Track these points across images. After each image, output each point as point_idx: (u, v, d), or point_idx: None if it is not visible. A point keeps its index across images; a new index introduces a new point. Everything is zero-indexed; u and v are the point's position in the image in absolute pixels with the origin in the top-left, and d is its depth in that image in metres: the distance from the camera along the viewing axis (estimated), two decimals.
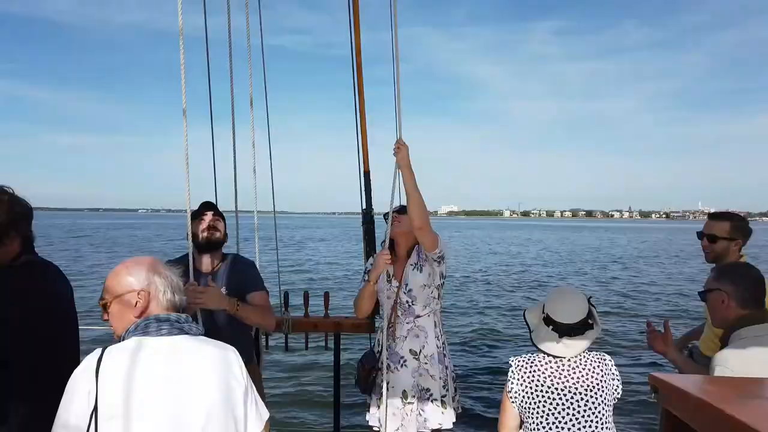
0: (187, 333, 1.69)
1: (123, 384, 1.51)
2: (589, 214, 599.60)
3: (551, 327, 2.20)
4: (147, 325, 1.65)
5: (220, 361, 1.67)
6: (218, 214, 2.80)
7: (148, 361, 1.57)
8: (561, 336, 2.18)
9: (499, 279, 20.12)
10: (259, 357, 3.54)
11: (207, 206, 2.79)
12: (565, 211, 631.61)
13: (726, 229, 2.89)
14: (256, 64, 3.28)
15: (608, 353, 2.27)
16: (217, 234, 2.74)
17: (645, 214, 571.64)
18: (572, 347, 2.17)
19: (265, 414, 1.77)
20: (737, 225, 2.91)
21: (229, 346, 1.77)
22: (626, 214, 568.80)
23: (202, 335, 1.75)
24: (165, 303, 1.73)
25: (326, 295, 3.81)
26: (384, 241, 2.89)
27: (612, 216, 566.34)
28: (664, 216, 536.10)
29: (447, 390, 2.92)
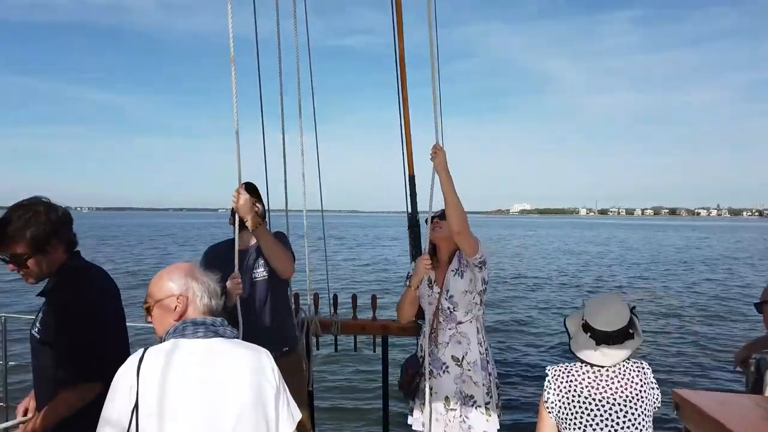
0: (222, 336, 1.77)
1: (161, 383, 1.61)
2: (673, 212, 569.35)
3: (589, 334, 2.15)
4: (184, 327, 1.74)
5: (252, 364, 1.74)
6: (257, 196, 3.04)
7: (184, 362, 1.67)
8: (599, 344, 2.12)
9: (577, 280, 19.57)
10: (309, 354, 3.64)
11: (247, 187, 2.90)
12: (646, 209, 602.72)
13: None
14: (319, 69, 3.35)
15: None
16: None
17: (735, 212, 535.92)
18: (610, 356, 2.11)
19: (297, 414, 1.83)
20: None
21: (262, 348, 1.84)
22: (714, 212, 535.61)
23: (236, 338, 1.82)
24: (202, 307, 1.83)
25: (374, 298, 3.85)
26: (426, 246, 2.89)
27: (698, 214, 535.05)
28: (756, 214, 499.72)
29: (491, 397, 2.90)
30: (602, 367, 2.12)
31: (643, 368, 2.14)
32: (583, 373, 2.13)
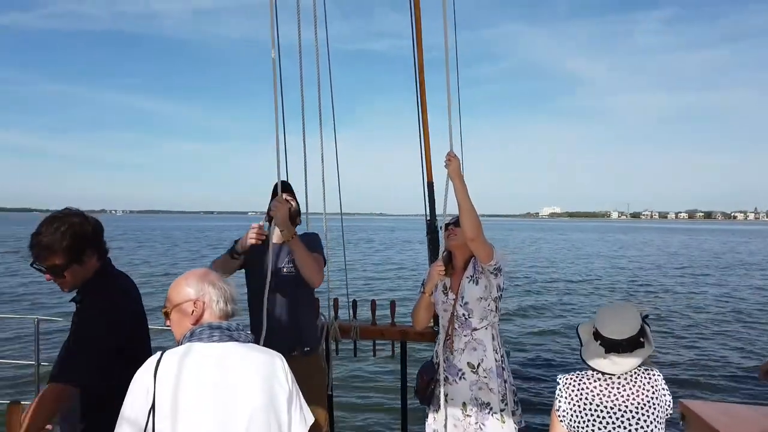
0: (236, 340, 1.82)
1: (176, 386, 1.67)
2: (708, 215, 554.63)
3: (599, 342, 2.15)
4: (201, 332, 1.80)
5: (265, 368, 1.79)
6: (292, 194, 3.15)
7: (199, 365, 1.72)
8: (608, 352, 2.12)
9: (612, 284, 19.35)
10: (329, 359, 3.68)
11: (283, 185, 3.01)
12: (680, 212, 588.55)
13: None
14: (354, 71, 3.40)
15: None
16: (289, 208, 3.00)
17: None
18: (620, 364, 2.11)
19: (310, 418, 1.87)
20: None
21: (276, 352, 1.88)
22: (751, 215, 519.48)
23: (251, 342, 1.87)
24: (218, 312, 1.88)
25: (393, 304, 3.87)
26: (443, 252, 2.93)
27: (735, 218, 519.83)
28: None
29: (506, 404, 2.89)
30: (612, 375, 2.12)
31: (653, 375, 2.14)
32: (594, 381, 2.14)
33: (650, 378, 2.12)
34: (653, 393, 2.09)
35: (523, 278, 20.47)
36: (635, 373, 2.13)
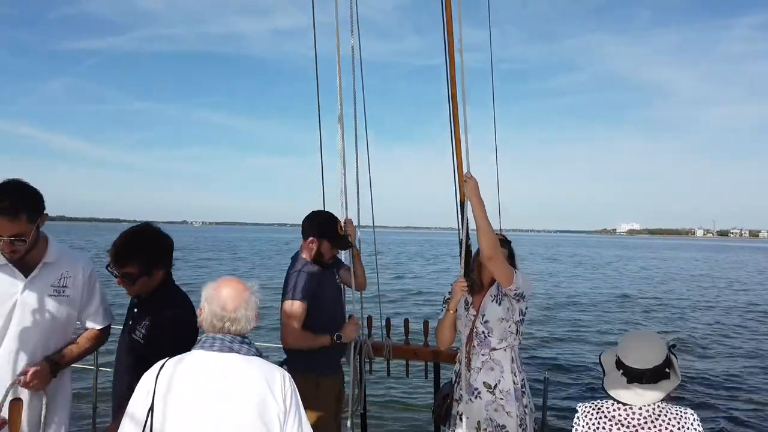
0: (237, 352, 1.87)
1: (173, 389, 1.78)
2: None
3: (621, 372, 2.05)
4: (205, 340, 1.89)
5: (260, 381, 1.82)
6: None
7: (195, 373, 1.81)
8: (630, 382, 2.01)
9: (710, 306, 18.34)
10: (362, 377, 3.63)
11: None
12: None
13: None
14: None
15: None
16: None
17: None
18: (643, 396, 1.99)
19: None
20: None
21: (278, 367, 1.92)
22: None
23: (255, 356, 1.90)
24: (217, 323, 1.91)
25: (425, 324, 3.80)
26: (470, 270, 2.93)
27: None
28: None
29: (524, 429, 2.81)
30: (633, 406, 2.00)
31: (685, 415, 1.98)
32: (613, 411, 2.03)
33: (680, 417, 1.97)
34: None
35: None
36: (661, 408, 1.99)
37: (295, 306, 2.97)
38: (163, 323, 2.42)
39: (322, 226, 3.21)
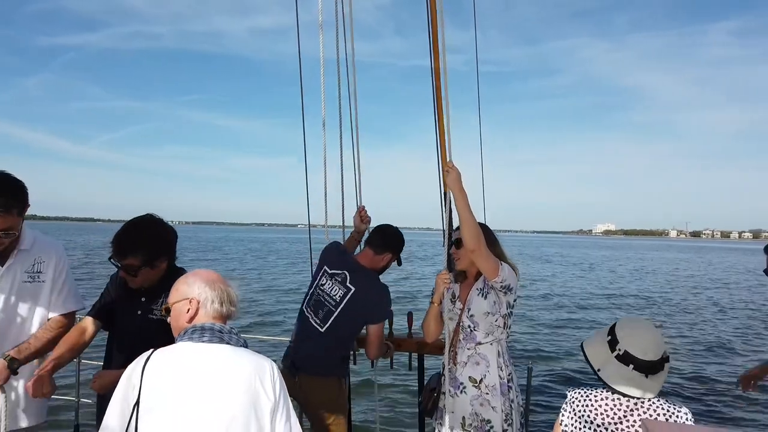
0: (227, 343, 1.85)
1: (162, 382, 1.73)
2: None
3: (631, 366, 1.99)
4: (193, 331, 1.85)
5: (252, 372, 1.80)
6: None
7: (185, 365, 1.77)
8: (645, 375, 1.98)
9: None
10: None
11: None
12: (743, 231, 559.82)
13: None
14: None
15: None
16: None
17: None
18: (650, 388, 1.98)
19: (297, 429, 1.86)
20: None
21: (266, 358, 1.89)
22: None
23: (243, 347, 1.89)
24: (212, 312, 1.92)
25: (410, 315, 3.84)
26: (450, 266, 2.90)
27: None
28: None
29: (510, 424, 2.79)
30: (623, 396, 2.00)
31: (678, 412, 1.96)
32: (601, 401, 2.03)
33: (672, 414, 1.95)
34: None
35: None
36: (652, 403, 1.98)
37: (383, 326, 3.21)
38: None
39: (400, 243, 3.36)
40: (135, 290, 2.57)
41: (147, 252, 2.43)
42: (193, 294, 1.94)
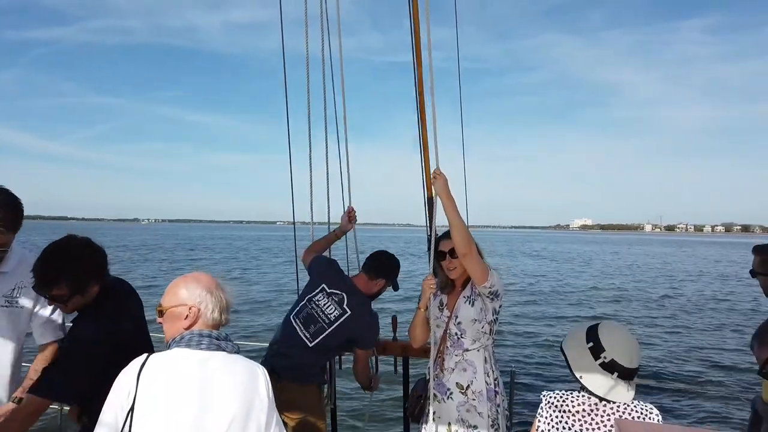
0: (223, 350, 1.84)
1: (158, 389, 1.70)
2: (746, 228, 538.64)
3: (616, 374, 2.00)
4: (190, 338, 1.82)
5: (246, 379, 1.81)
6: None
7: (183, 371, 1.75)
8: (625, 380, 2.01)
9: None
10: (332, 372, 3.66)
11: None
12: (716, 225, 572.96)
13: None
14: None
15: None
16: None
17: None
18: (628, 393, 2.02)
19: None
20: None
21: (258, 365, 1.90)
22: None
23: (237, 353, 1.89)
24: (210, 321, 1.90)
25: (394, 319, 3.81)
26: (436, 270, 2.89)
27: None
28: None
29: (496, 430, 2.80)
30: (600, 401, 2.02)
31: (651, 413, 2.01)
32: (579, 405, 2.04)
33: (646, 415, 1.99)
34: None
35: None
36: (628, 405, 2.01)
37: (371, 352, 3.33)
38: (76, 336, 2.29)
39: (395, 271, 3.45)
40: None
41: (75, 279, 2.21)
42: (193, 301, 1.90)
